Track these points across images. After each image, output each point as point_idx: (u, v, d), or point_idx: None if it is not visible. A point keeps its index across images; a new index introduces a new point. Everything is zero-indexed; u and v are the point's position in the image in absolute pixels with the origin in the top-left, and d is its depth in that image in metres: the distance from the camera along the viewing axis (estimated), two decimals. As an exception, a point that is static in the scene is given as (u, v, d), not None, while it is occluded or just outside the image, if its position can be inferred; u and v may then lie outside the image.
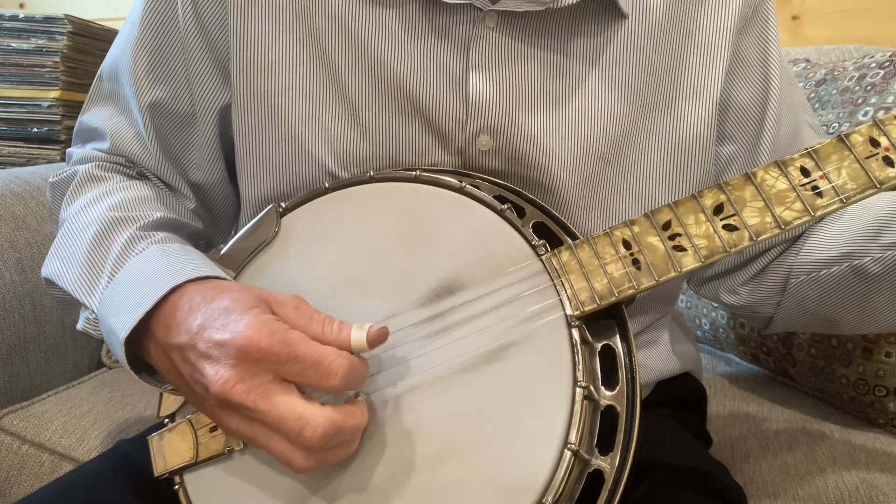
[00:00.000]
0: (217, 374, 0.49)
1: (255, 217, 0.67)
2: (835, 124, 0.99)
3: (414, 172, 0.64)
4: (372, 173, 0.65)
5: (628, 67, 0.68)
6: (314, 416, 0.49)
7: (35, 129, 1.54)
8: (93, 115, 0.77)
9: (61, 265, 0.65)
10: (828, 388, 0.93)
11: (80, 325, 0.66)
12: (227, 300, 0.52)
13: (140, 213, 0.66)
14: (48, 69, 1.53)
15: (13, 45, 1.53)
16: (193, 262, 0.58)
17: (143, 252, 0.60)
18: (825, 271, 0.70)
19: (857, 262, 0.68)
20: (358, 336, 0.52)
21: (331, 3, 0.66)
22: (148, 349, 0.57)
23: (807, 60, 1.18)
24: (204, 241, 0.80)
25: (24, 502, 0.63)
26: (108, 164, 0.75)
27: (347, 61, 0.67)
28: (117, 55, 0.74)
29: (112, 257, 0.61)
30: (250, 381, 0.49)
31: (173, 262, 0.58)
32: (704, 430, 0.86)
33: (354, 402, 0.53)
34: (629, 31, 0.68)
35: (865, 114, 0.95)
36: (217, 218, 0.80)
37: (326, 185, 0.66)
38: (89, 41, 1.59)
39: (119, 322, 0.56)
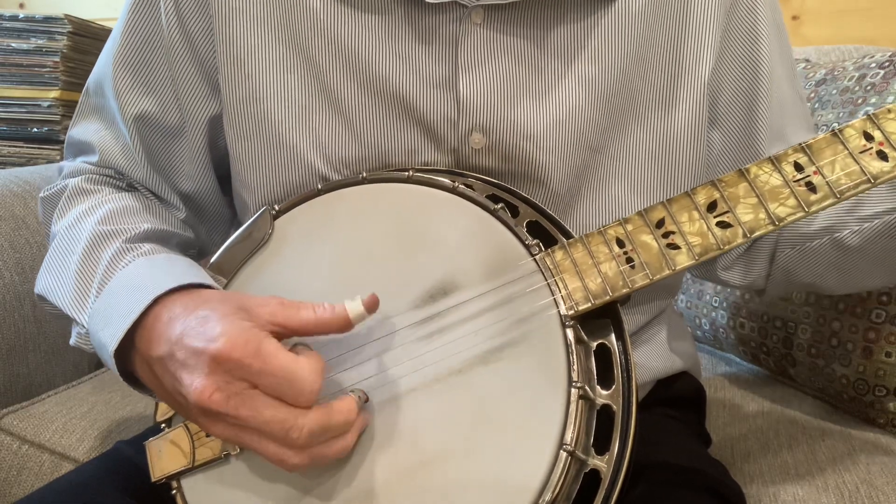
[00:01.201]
0: (193, 384, 0.49)
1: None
2: (834, 124, 0.98)
3: (406, 173, 0.64)
4: (365, 174, 0.65)
5: (615, 52, 0.67)
6: (298, 415, 0.49)
7: (35, 129, 1.54)
8: (81, 129, 0.77)
9: (52, 281, 0.65)
10: (828, 388, 0.93)
11: (72, 341, 0.66)
12: (205, 309, 0.52)
13: (127, 225, 0.66)
14: (48, 69, 1.53)
15: (13, 45, 1.53)
16: (178, 272, 0.58)
17: (130, 265, 0.61)
18: (808, 244, 0.72)
19: (836, 234, 0.69)
20: (354, 306, 0.53)
21: (314, 10, 0.66)
22: (134, 362, 0.57)
23: (807, 60, 1.18)
24: (195, 250, 0.80)
25: (22, 503, 0.63)
26: (97, 176, 0.75)
27: (335, 66, 0.67)
28: (102, 69, 0.74)
29: (100, 272, 0.61)
30: (227, 389, 0.49)
31: (158, 273, 0.58)
32: (704, 429, 0.86)
33: (342, 398, 0.53)
34: (615, 15, 0.67)
35: (865, 114, 0.95)
36: (209, 226, 0.80)
37: (319, 187, 0.66)
38: (89, 41, 1.60)
39: (108, 335, 0.56)
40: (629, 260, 0.57)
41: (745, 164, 0.58)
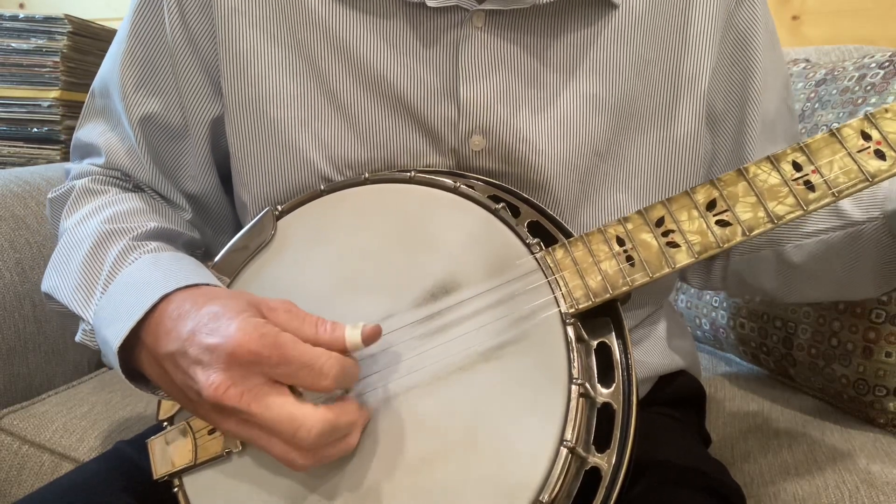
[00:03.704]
0: (209, 379, 0.49)
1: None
2: (834, 124, 0.98)
3: (409, 174, 0.64)
4: (367, 175, 0.65)
5: (618, 59, 0.68)
6: (308, 416, 0.49)
7: (35, 129, 1.54)
8: (87, 131, 0.77)
9: (59, 279, 0.66)
10: (828, 388, 0.93)
11: (78, 338, 0.66)
12: (216, 306, 0.52)
13: (133, 224, 0.66)
14: (48, 69, 1.53)
15: (13, 45, 1.53)
16: (184, 270, 0.58)
17: (136, 262, 0.61)
18: (755, 254, 0.75)
19: (779, 248, 0.72)
20: (353, 335, 0.52)
21: (315, 12, 0.66)
22: (140, 359, 0.57)
23: (807, 60, 1.18)
24: (201, 251, 0.80)
25: (22, 503, 0.63)
26: (104, 177, 0.75)
27: (336, 68, 0.67)
28: (107, 71, 0.74)
29: (106, 269, 0.62)
30: (242, 385, 0.49)
31: (164, 270, 0.58)
32: (704, 429, 0.86)
33: (345, 399, 0.53)
34: (618, 21, 0.67)
35: (864, 114, 0.95)
36: (214, 227, 0.80)
37: (322, 187, 0.66)
38: (89, 41, 1.59)
39: (112, 332, 0.56)
40: (629, 258, 0.57)
41: (735, 168, 0.58)
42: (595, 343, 0.56)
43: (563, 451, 0.51)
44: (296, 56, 0.67)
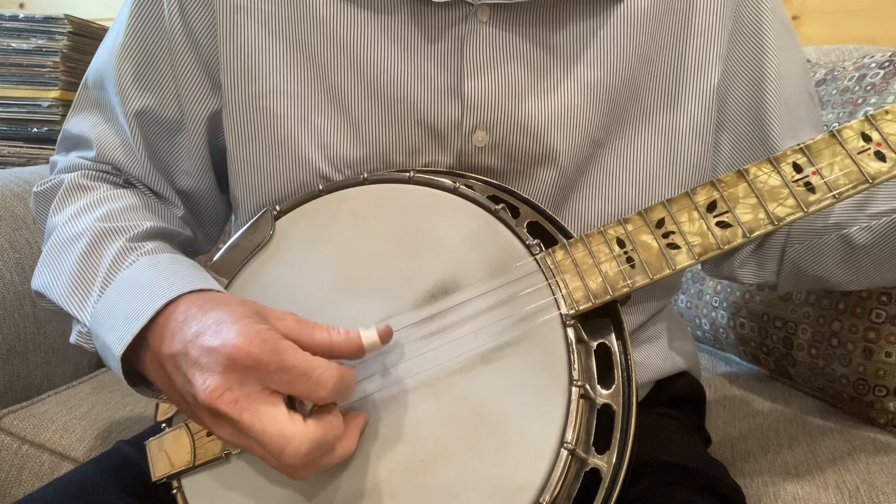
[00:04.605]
0: (205, 383, 0.49)
1: (249, 221, 0.67)
2: (834, 124, 0.99)
3: (408, 174, 0.64)
4: (366, 175, 0.65)
5: (619, 53, 0.67)
6: (296, 434, 0.48)
7: (35, 129, 1.55)
8: (77, 123, 0.76)
9: (51, 278, 0.65)
10: (828, 388, 0.93)
11: (72, 339, 0.65)
12: (222, 311, 0.52)
13: (129, 223, 0.65)
14: (48, 69, 1.53)
15: (13, 45, 1.53)
16: (187, 275, 0.58)
17: (134, 264, 0.60)
18: (816, 240, 0.71)
19: (845, 231, 0.68)
20: (370, 335, 0.53)
21: (317, 9, 0.66)
22: (143, 360, 0.56)
23: (807, 60, 1.18)
24: (192, 249, 0.79)
25: (22, 503, 0.63)
26: (94, 172, 0.74)
27: (337, 65, 0.67)
28: (103, 62, 0.73)
29: (102, 270, 0.61)
30: (238, 391, 0.48)
31: (165, 274, 0.57)
32: (703, 429, 0.86)
33: (330, 412, 0.52)
34: (620, 16, 0.67)
35: (864, 115, 0.95)
36: (205, 225, 0.80)
37: (320, 187, 0.66)
38: (89, 41, 1.60)
39: (114, 338, 0.55)
40: (629, 259, 0.57)
41: (735, 170, 0.58)
42: (595, 344, 0.56)
43: (564, 452, 0.51)
44: (297, 52, 0.67)
